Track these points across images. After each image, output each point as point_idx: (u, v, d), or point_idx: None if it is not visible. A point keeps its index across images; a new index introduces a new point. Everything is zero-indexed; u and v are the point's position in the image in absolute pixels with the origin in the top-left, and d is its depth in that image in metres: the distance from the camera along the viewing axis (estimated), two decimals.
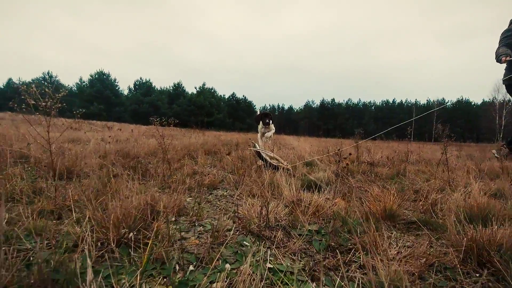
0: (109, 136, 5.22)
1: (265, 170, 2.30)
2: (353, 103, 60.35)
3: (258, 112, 5.32)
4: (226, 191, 1.92)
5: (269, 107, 66.79)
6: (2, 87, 47.72)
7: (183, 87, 49.67)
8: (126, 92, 49.39)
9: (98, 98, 41.57)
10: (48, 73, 45.78)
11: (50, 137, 1.51)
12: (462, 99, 54.48)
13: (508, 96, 31.27)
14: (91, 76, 43.83)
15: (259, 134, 5.57)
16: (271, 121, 5.03)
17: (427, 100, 55.38)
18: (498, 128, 34.33)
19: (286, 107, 68.36)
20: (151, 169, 2.25)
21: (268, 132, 5.27)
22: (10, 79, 47.87)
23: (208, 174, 2.28)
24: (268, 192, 1.59)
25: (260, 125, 5.14)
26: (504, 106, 34.47)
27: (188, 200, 1.62)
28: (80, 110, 2.18)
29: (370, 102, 60.26)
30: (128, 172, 1.96)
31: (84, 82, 44.57)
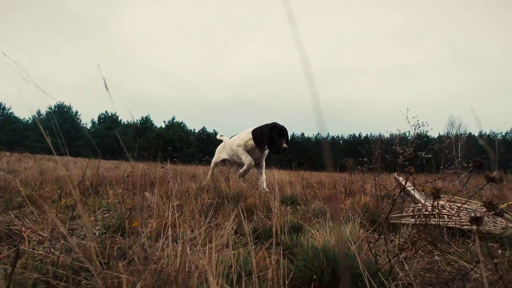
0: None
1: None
2: (322, 137, 62.05)
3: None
4: None
5: None
6: None
7: (151, 121, 47.91)
8: (89, 125, 46.25)
9: (56, 132, 38.17)
10: (0, 105, 41.70)
11: None
12: (421, 132, 58.91)
13: (462, 130, 34.52)
14: (49, 109, 40.69)
15: (212, 165, 3.89)
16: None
17: (390, 134, 58.91)
18: (455, 160, 36.94)
19: None
20: None
21: (262, 162, 3.35)
22: None
23: (51, 254, 0.92)
24: None
25: (244, 148, 3.27)
26: (459, 139, 37.67)
27: None
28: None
29: (338, 136, 62.69)
30: None
31: (41, 115, 41.17)
